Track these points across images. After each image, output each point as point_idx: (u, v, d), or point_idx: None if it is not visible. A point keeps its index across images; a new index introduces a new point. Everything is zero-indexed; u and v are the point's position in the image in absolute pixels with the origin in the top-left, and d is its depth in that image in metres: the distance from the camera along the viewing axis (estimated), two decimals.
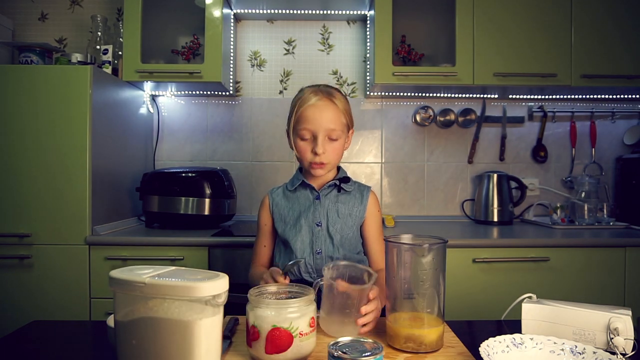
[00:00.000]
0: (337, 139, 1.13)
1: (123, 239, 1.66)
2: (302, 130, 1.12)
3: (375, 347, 0.64)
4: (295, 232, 1.16)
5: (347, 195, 1.20)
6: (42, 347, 0.86)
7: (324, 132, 1.11)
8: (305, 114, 1.11)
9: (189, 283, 0.60)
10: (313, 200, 1.19)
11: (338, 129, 1.12)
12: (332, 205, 1.18)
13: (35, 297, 1.64)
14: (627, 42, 1.94)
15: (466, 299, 1.65)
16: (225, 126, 2.30)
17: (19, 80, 1.64)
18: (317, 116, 1.11)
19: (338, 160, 1.18)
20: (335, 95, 1.14)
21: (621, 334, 0.78)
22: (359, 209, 1.19)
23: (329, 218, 1.16)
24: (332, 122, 1.11)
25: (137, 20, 1.92)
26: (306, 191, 1.21)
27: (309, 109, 1.11)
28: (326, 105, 1.12)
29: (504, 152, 2.31)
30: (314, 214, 1.17)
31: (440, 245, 0.80)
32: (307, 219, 1.16)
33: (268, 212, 1.23)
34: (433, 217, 2.29)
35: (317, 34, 2.32)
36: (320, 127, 1.11)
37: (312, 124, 1.11)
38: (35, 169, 1.64)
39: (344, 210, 1.18)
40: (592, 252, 1.68)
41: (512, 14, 1.94)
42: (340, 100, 1.14)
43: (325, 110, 1.11)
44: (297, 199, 1.21)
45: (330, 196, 1.19)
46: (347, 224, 1.17)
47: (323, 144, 1.11)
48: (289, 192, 1.22)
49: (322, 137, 1.11)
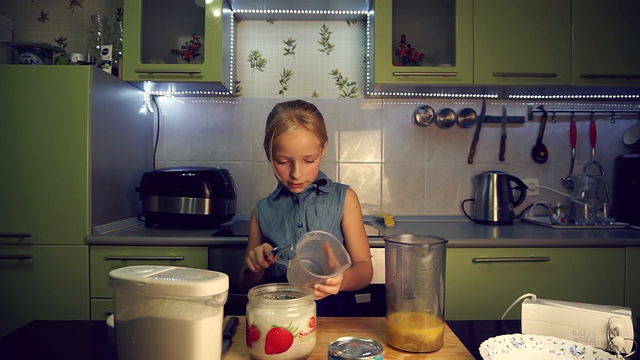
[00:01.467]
0: (313, 160, 1.19)
1: (123, 239, 1.66)
2: (280, 157, 1.18)
3: (375, 347, 0.64)
4: (280, 234, 1.23)
5: (325, 196, 1.27)
6: (42, 347, 0.86)
7: (300, 158, 1.17)
8: (281, 143, 1.16)
9: (189, 283, 0.60)
10: (293, 205, 1.26)
11: (313, 153, 1.18)
12: (310, 206, 1.25)
13: (35, 297, 1.64)
14: (627, 42, 1.94)
15: (466, 299, 1.65)
16: (225, 126, 2.30)
17: (19, 80, 1.64)
18: (294, 145, 1.15)
19: (315, 175, 1.24)
20: (307, 120, 1.17)
21: (621, 333, 0.78)
22: (336, 207, 1.25)
23: (308, 218, 1.23)
24: (307, 149, 1.16)
25: (137, 20, 1.92)
26: (287, 198, 1.28)
27: (285, 139, 1.15)
28: (301, 134, 1.15)
29: (504, 152, 2.31)
30: (295, 217, 1.24)
31: (440, 245, 0.80)
32: (289, 222, 1.24)
33: (256, 222, 1.30)
34: (433, 217, 2.29)
35: (317, 34, 2.32)
36: (297, 154, 1.16)
37: (289, 152, 1.16)
38: (35, 169, 1.64)
39: (322, 209, 1.25)
40: (592, 252, 1.68)
41: (512, 14, 1.94)
42: (312, 123, 1.18)
43: (300, 139, 1.15)
44: (279, 206, 1.29)
45: (308, 199, 1.26)
46: (326, 221, 1.23)
47: (300, 168, 1.17)
48: (273, 201, 1.31)
49: (298, 163, 1.17)
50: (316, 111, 1.23)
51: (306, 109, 1.20)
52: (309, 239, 0.92)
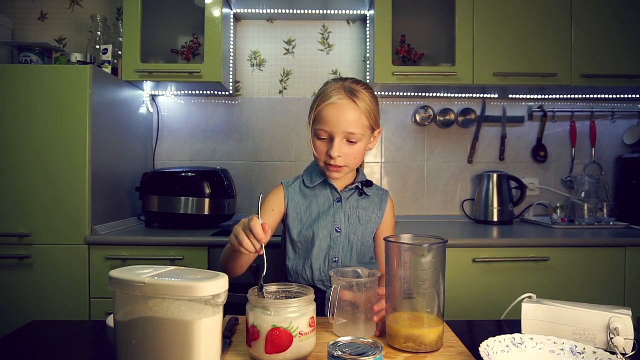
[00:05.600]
0: (356, 142, 1.05)
1: (123, 239, 1.66)
2: (319, 130, 1.05)
3: (375, 347, 0.64)
4: (313, 236, 1.08)
5: (368, 200, 1.14)
6: (42, 347, 0.86)
7: (342, 134, 1.03)
8: (323, 114, 1.03)
9: (189, 283, 0.60)
10: (334, 203, 1.11)
11: (358, 132, 1.03)
12: (353, 210, 1.11)
13: (35, 297, 1.63)
14: (627, 41, 1.94)
15: (466, 298, 1.65)
16: (225, 126, 2.30)
17: (19, 80, 1.64)
18: (335, 118, 1.02)
19: (358, 163, 1.10)
20: (358, 95, 1.03)
21: (621, 334, 0.78)
22: (377, 215, 1.14)
23: (350, 224, 1.10)
24: (351, 125, 1.02)
25: (137, 20, 1.92)
26: (326, 191, 1.13)
27: (327, 109, 1.02)
28: (346, 106, 1.02)
29: (504, 152, 2.31)
30: (334, 218, 1.09)
31: (440, 245, 0.80)
32: (326, 223, 1.09)
33: (282, 202, 1.12)
34: (433, 217, 2.29)
35: (317, 33, 2.32)
36: (338, 129, 1.02)
37: (329, 126, 1.02)
38: (35, 168, 1.64)
39: (365, 216, 1.12)
40: (592, 252, 1.68)
41: (512, 13, 1.94)
42: (363, 100, 1.04)
43: (344, 112, 1.01)
44: (315, 198, 1.12)
45: (351, 200, 1.13)
46: (368, 230, 1.12)
47: (340, 147, 1.03)
48: (307, 189, 1.13)
49: (339, 140, 1.03)
50: (372, 91, 1.08)
51: (359, 84, 1.06)
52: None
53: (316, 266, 1.10)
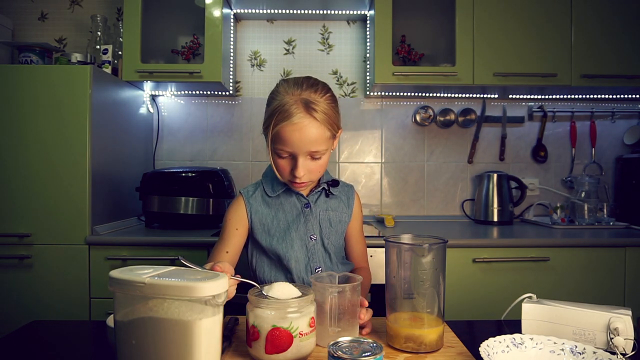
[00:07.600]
0: (320, 157, 0.98)
1: (123, 239, 1.66)
2: (279, 150, 0.97)
3: (375, 347, 0.64)
4: (287, 246, 1.03)
5: (336, 200, 1.10)
6: (42, 347, 0.86)
7: (305, 153, 0.96)
8: (282, 135, 0.94)
9: (189, 283, 0.60)
10: (302, 209, 1.06)
11: (321, 148, 0.96)
12: (323, 213, 1.07)
13: (35, 297, 1.63)
14: (627, 41, 1.94)
15: (466, 299, 1.65)
16: (225, 126, 2.30)
17: (19, 80, 1.64)
18: (297, 139, 0.93)
19: (322, 173, 1.05)
20: (316, 107, 0.94)
21: (621, 334, 0.78)
22: (346, 214, 1.11)
23: (322, 229, 1.06)
24: (314, 144, 0.94)
25: (137, 20, 1.92)
26: (292, 198, 1.07)
27: (287, 130, 0.93)
28: (307, 125, 0.93)
29: (504, 152, 2.31)
30: (306, 225, 1.05)
31: (440, 245, 0.80)
32: (298, 231, 1.04)
33: (244, 217, 1.06)
34: (433, 217, 2.29)
35: (317, 33, 2.32)
36: (300, 150, 0.95)
37: (291, 147, 0.95)
38: (35, 168, 1.64)
39: (335, 217, 1.08)
40: (592, 252, 1.68)
41: (512, 14, 1.94)
42: (322, 112, 0.95)
43: (305, 133, 0.93)
44: (281, 207, 1.06)
45: (319, 203, 1.08)
46: (339, 232, 1.09)
47: (304, 165, 0.97)
48: (269, 198, 1.07)
49: (302, 159, 0.96)
50: (329, 94, 0.99)
51: (316, 91, 0.96)
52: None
53: (298, 278, 1.04)
